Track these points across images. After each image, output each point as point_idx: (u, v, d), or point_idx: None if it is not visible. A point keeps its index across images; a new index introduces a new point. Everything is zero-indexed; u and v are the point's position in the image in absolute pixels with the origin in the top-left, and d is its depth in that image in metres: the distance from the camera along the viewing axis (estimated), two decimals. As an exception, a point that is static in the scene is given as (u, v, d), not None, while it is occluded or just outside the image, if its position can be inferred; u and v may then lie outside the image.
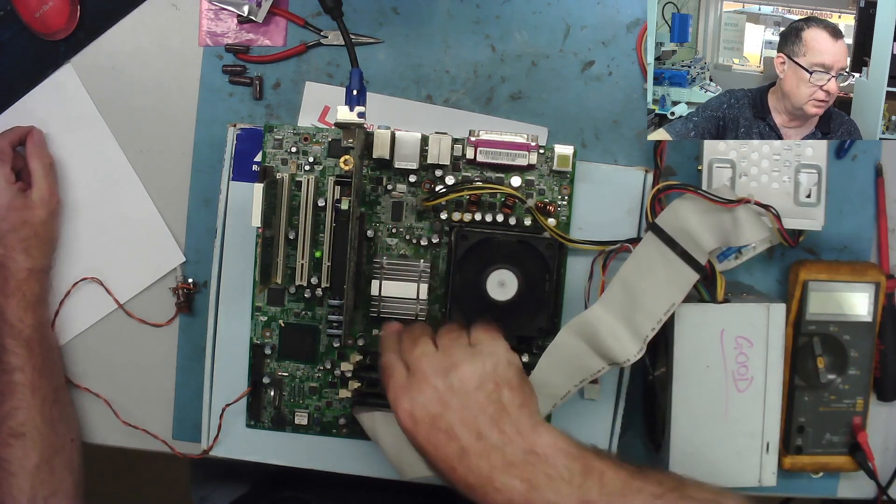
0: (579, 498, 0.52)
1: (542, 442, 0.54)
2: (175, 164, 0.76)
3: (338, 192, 0.69)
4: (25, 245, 0.72)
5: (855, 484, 0.75)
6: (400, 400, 0.56)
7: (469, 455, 0.54)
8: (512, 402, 0.55)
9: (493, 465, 0.53)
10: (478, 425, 0.54)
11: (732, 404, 0.65)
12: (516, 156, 0.68)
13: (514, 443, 0.54)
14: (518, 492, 0.53)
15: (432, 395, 0.55)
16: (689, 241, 0.62)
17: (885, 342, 0.72)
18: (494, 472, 0.53)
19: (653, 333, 0.62)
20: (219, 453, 0.73)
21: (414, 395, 0.55)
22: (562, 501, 0.52)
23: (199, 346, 0.75)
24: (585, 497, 0.52)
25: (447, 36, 0.75)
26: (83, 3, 0.75)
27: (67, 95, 0.76)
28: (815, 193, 0.70)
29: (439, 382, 0.55)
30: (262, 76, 0.75)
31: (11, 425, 0.71)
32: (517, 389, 0.56)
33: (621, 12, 0.74)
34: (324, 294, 0.71)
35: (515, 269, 0.66)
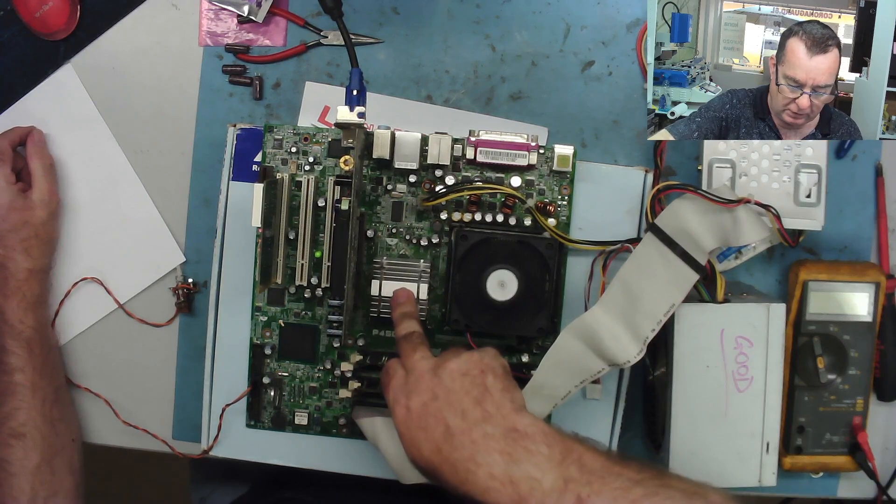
0: (559, 475, 0.53)
1: (523, 422, 0.56)
2: (175, 164, 0.76)
3: (338, 192, 0.69)
4: (26, 245, 0.72)
5: (855, 484, 0.75)
6: (398, 398, 0.58)
7: (453, 434, 0.55)
8: (495, 386, 0.57)
9: (474, 441, 0.55)
10: (462, 406, 0.56)
11: (732, 404, 0.65)
12: (516, 156, 0.68)
13: (494, 420, 0.56)
14: (498, 465, 0.54)
15: (425, 388, 0.57)
16: (689, 242, 0.62)
17: (885, 342, 0.72)
18: (476, 448, 0.55)
19: (653, 334, 0.62)
20: (219, 453, 0.73)
21: (410, 392, 0.58)
22: (542, 476, 0.53)
23: (199, 346, 0.75)
24: (565, 474, 0.53)
25: (447, 36, 0.75)
26: (83, 3, 0.75)
27: (67, 95, 0.76)
28: (815, 193, 0.70)
29: (433, 379, 0.58)
30: (262, 76, 0.75)
31: (12, 426, 0.71)
32: (501, 377, 0.58)
33: (621, 12, 0.74)
34: (324, 294, 0.71)
35: (515, 269, 0.66)
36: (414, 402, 0.57)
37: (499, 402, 0.56)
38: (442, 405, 0.56)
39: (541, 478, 0.53)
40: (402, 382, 0.59)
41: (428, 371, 0.58)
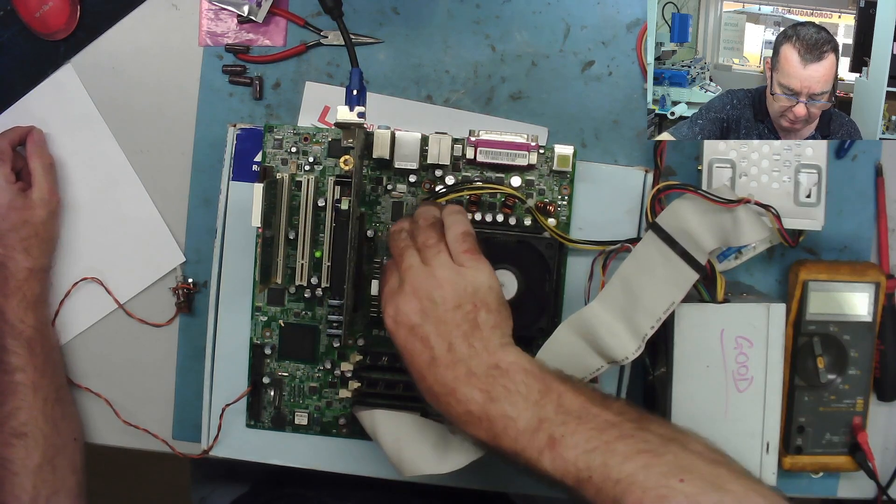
0: (534, 414, 0.53)
1: (507, 360, 0.56)
2: (175, 164, 0.76)
3: (338, 192, 0.69)
4: (26, 245, 0.72)
5: (855, 484, 0.75)
6: (388, 305, 0.59)
7: (438, 364, 0.56)
8: (486, 323, 0.57)
9: (456, 376, 0.55)
10: (450, 338, 0.56)
11: (732, 404, 0.65)
12: (516, 156, 0.68)
13: (479, 357, 0.56)
14: (476, 402, 0.55)
15: (416, 306, 0.57)
16: (689, 241, 0.62)
17: (885, 342, 0.72)
18: (457, 383, 0.55)
19: (652, 332, 0.62)
20: (219, 453, 0.73)
21: (399, 303, 0.58)
22: (517, 415, 0.54)
23: (199, 346, 0.75)
24: (541, 414, 0.53)
25: (447, 36, 0.75)
26: (83, 3, 0.75)
27: (67, 95, 0.76)
28: (815, 193, 0.70)
29: (424, 297, 0.57)
30: (262, 76, 0.75)
31: (13, 425, 0.71)
32: (494, 312, 0.58)
33: (621, 12, 0.74)
34: (324, 294, 0.71)
35: (515, 269, 0.66)
36: (402, 316, 0.57)
37: (487, 338, 0.57)
38: (430, 332, 0.57)
39: (516, 417, 0.54)
40: (394, 288, 0.59)
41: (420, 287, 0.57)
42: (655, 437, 0.52)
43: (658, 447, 0.51)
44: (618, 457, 0.51)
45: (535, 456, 0.53)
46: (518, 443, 0.54)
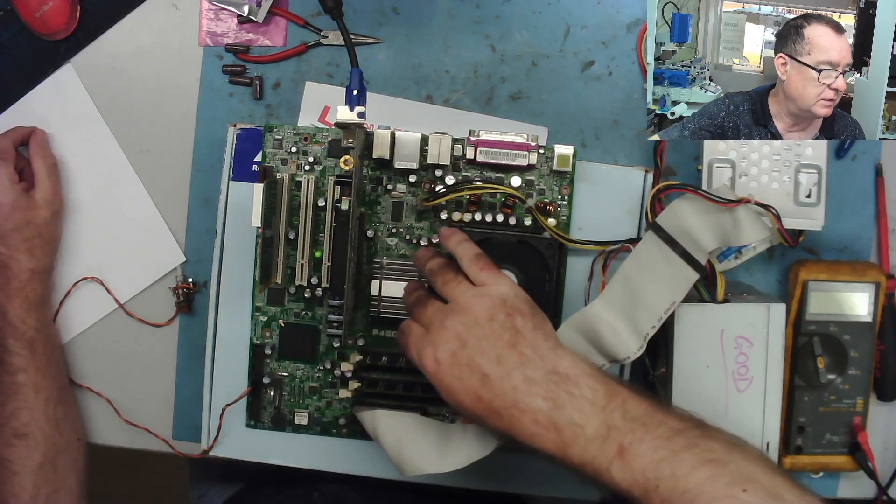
0: (603, 420, 0.52)
1: (564, 363, 0.54)
2: (175, 164, 0.76)
3: (338, 192, 0.69)
4: (29, 245, 0.72)
5: (855, 484, 0.75)
6: (423, 350, 0.56)
7: (491, 380, 0.54)
8: (525, 327, 0.56)
9: (515, 387, 0.54)
10: (496, 351, 0.55)
11: (732, 404, 0.65)
12: (516, 156, 0.68)
13: (533, 363, 0.54)
14: (542, 411, 0.53)
15: (450, 335, 0.56)
16: (689, 241, 0.62)
17: (885, 342, 0.72)
18: (517, 393, 0.54)
19: (653, 331, 0.62)
20: (219, 453, 0.73)
21: (434, 341, 0.56)
22: (585, 422, 0.52)
23: (199, 346, 0.75)
24: (609, 421, 0.52)
25: (447, 36, 0.75)
26: (83, 3, 0.75)
27: (67, 95, 0.76)
28: (815, 193, 0.70)
29: (455, 324, 0.56)
30: (262, 76, 0.75)
31: (15, 426, 0.71)
32: (528, 316, 0.57)
33: (621, 12, 0.74)
34: (324, 294, 0.71)
35: (515, 269, 0.66)
36: (441, 352, 0.55)
37: (533, 342, 0.55)
38: (473, 353, 0.55)
39: (584, 424, 0.52)
40: (421, 335, 0.57)
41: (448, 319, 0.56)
42: (720, 446, 0.52)
43: (723, 455, 0.51)
44: (685, 466, 0.50)
45: (606, 465, 0.52)
46: (588, 452, 0.52)
